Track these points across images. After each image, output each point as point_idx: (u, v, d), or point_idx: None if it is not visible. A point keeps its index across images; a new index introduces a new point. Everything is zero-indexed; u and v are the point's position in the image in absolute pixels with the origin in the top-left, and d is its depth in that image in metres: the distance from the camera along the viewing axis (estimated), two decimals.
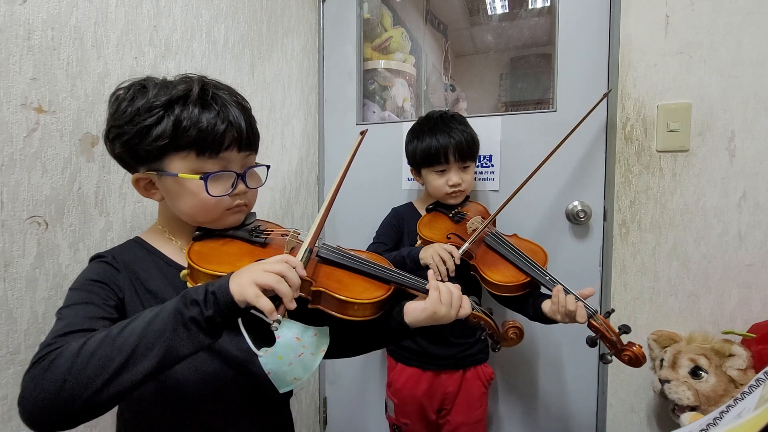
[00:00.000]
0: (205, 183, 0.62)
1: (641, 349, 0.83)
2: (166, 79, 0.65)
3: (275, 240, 0.73)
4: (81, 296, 0.59)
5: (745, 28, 1.10)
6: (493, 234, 1.06)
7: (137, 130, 0.60)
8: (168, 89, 0.62)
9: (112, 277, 0.62)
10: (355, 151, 0.82)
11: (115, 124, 0.62)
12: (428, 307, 0.69)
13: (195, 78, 0.65)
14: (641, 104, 1.19)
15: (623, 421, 1.26)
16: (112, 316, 0.58)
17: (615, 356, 0.86)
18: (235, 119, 0.64)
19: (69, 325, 0.54)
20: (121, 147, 0.63)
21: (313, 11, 1.56)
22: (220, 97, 0.64)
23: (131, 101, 0.62)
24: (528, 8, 1.66)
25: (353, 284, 0.70)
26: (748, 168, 1.11)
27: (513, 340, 0.83)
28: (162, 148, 0.61)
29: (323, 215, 0.71)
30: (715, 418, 0.47)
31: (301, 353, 0.68)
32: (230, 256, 0.66)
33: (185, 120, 0.60)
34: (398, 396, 1.19)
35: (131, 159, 0.64)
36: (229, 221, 0.69)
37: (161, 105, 0.60)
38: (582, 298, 0.89)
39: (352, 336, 0.75)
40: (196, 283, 0.62)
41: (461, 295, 0.72)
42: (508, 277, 0.97)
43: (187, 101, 0.61)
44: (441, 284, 0.71)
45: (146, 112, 0.60)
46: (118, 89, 0.65)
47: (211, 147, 0.62)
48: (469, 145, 1.13)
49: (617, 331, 0.85)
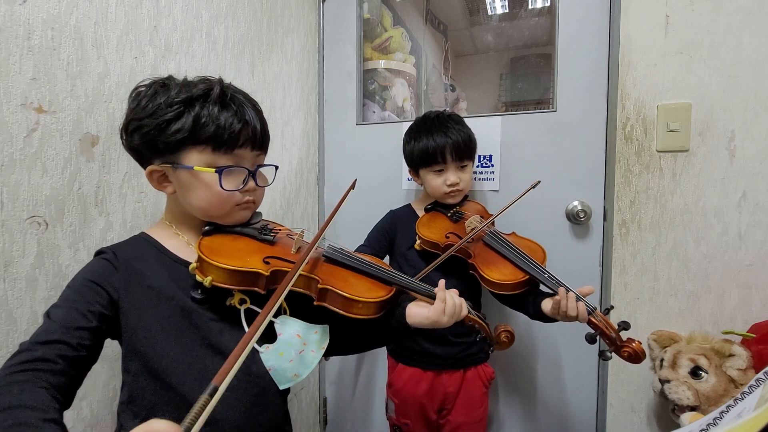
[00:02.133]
0: (219, 176, 0.65)
1: (641, 345, 0.84)
2: (186, 79, 0.69)
3: (282, 239, 0.76)
4: (69, 298, 0.60)
5: (745, 28, 1.10)
6: (492, 233, 1.06)
7: (157, 123, 0.64)
8: (189, 88, 0.66)
9: (108, 276, 0.63)
10: (343, 198, 0.86)
11: (136, 117, 0.65)
12: (431, 316, 0.72)
13: (215, 80, 0.69)
14: (641, 104, 1.19)
15: (623, 421, 1.26)
16: (90, 326, 0.59)
17: (614, 353, 0.86)
18: (251, 119, 0.68)
19: (47, 331, 0.56)
20: (140, 139, 0.65)
21: (313, 11, 1.56)
22: (238, 98, 0.69)
23: (152, 97, 0.65)
24: (528, 8, 1.66)
25: (358, 284, 0.73)
26: (748, 168, 1.11)
27: (505, 343, 0.86)
28: (180, 142, 0.64)
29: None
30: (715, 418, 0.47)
31: (302, 350, 0.68)
32: (240, 252, 0.68)
33: (205, 116, 0.64)
34: (399, 396, 1.19)
35: (148, 151, 0.67)
36: (237, 217, 0.72)
37: (182, 101, 0.64)
38: (581, 296, 0.89)
39: (353, 334, 0.77)
40: (204, 275, 0.63)
41: (462, 303, 0.75)
42: (506, 276, 0.97)
43: (208, 99, 0.65)
44: (448, 297, 0.73)
45: (167, 107, 0.64)
46: (139, 86, 0.68)
47: (227, 143, 0.66)
48: (467, 145, 1.13)
49: (616, 327, 0.86)
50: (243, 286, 0.65)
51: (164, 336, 0.63)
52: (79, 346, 0.57)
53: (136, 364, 0.64)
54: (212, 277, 0.63)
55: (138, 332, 0.63)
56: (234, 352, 0.48)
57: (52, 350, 0.54)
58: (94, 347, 0.60)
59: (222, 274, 0.63)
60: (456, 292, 0.75)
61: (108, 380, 0.83)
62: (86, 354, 0.58)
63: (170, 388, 0.62)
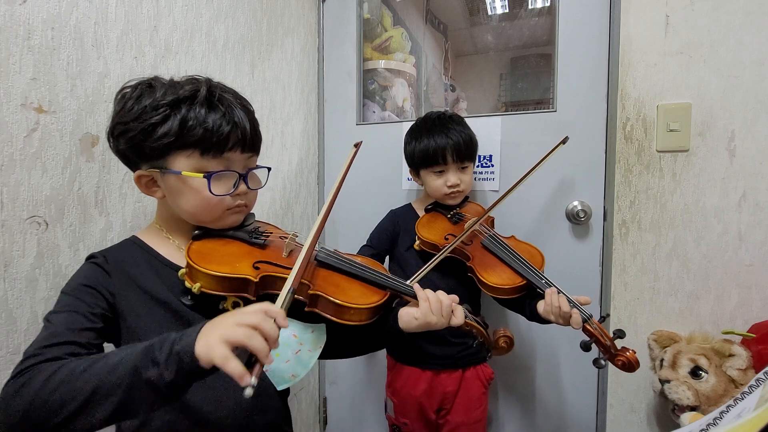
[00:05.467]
0: (208, 181, 0.64)
1: (635, 355, 0.83)
2: (173, 80, 0.66)
3: (274, 242, 0.74)
4: (69, 303, 0.59)
5: (745, 28, 1.10)
6: (491, 236, 1.06)
7: (143, 127, 0.61)
8: (175, 89, 0.63)
9: (102, 280, 0.62)
10: (349, 164, 0.82)
11: (121, 121, 0.63)
12: (420, 317, 0.71)
13: (202, 80, 0.67)
14: (641, 104, 1.19)
15: (623, 421, 1.26)
16: (96, 326, 0.58)
17: (608, 361, 0.86)
18: (240, 121, 0.66)
19: (53, 335, 0.55)
20: (126, 144, 0.63)
21: (313, 11, 1.56)
22: (226, 99, 0.66)
23: (138, 99, 0.63)
24: (528, 8, 1.66)
25: (350, 289, 0.71)
26: (748, 168, 1.11)
27: (503, 348, 0.86)
28: (167, 146, 0.62)
29: (316, 232, 0.71)
30: (715, 418, 0.47)
31: (299, 350, 0.68)
32: (230, 257, 0.66)
33: (192, 119, 0.62)
34: (398, 396, 1.19)
35: (135, 156, 0.65)
36: (228, 221, 0.70)
37: (168, 104, 0.62)
38: (577, 303, 0.88)
39: (347, 338, 0.76)
40: (194, 282, 0.62)
41: (451, 303, 0.74)
42: (504, 280, 0.96)
43: (194, 101, 0.63)
44: (430, 294, 0.73)
45: (153, 110, 0.61)
46: (124, 87, 0.66)
47: (215, 147, 0.63)
48: (467, 146, 1.13)
49: (611, 335, 0.85)
50: (232, 293, 0.64)
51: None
52: (89, 345, 0.56)
53: None
54: (201, 283, 0.62)
55: (136, 334, 0.62)
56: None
57: (61, 350, 0.53)
58: (100, 348, 0.59)
59: (210, 281, 0.62)
60: (443, 293, 0.74)
61: None
62: (96, 352, 0.57)
63: None
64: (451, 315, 0.73)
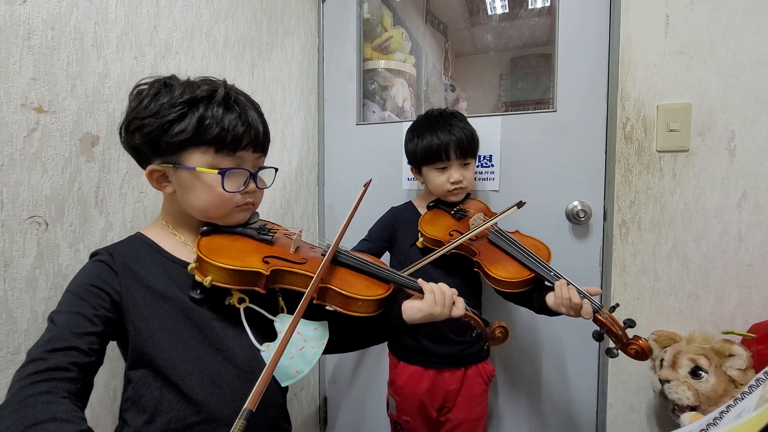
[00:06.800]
0: (222, 177, 0.66)
1: (647, 343, 0.85)
2: (189, 79, 0.69)
3: (281, 239, 0.77)
4: (74, 303, 0.60)
5: (745, 28, 1.10)
6: (496, 231, 1.06)
7: (160, 123, 0.64)
8: (192, 89, 0.66)
9: (108, 279, 0.63)
10: (358, 202, 0.88)
11: (137, 116, 0.65)
12: (424, 308, 0.74)
13: (219, 81, 0.70)
14: (641, 104, 1.19)
15: (623, 420, 1.26)
16: (98, 330, 0.59)
17: (621, 350, 0.87)
18: (254, 122, 0.69)
19: (56, 338, 0.56)
20: (142, 138, 0.65)
21: (313, 11, 1.56)
22: (241, 101, 0.69)
23: (155, 97, 0.65)
24: (528, 8, 1.66)
25: (357, 282, 0.74)
26: (748, 168, 1.11)
27: (499, 338, 0.88)
28: (183, 143, 0.64)
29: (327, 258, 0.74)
30: (715, 418, 0.47)
31: (303, 347, 0.69)
32: (239, 252, 0.68)
33: (209, 118, 0.65)
34: (400, 394, 1.19)
35: (149, 150, 0.67)
36: (236, 218, 0.72)
37: (186, 102, 0.64)
38: (587, 294, 0.90)
39: (352, 331, 0.78)
40: (204, 276, 0.64)
41: (452, 295, 0.78)
42: (512, 274, 0.97)
43: (212, 101, 0.66)
44: (434, 286, 0.76)
45: (170, 108, 0.64)
46: (140, 84, 0.68)
47: (230, 145, 0.66)
48: (470, 142, 1.13)
49: (623, 325, 0.86)
50: (243, 286, 0.66)
51: (166, 336, 0.63)
52: (90, 350, 0.57)
53: (141, 364, 0.64)
54: (212, 277, 0.63)
55: (141, 332, 0.63)
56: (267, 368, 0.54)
57: (65, 358, 0.54)
58: (101, 351, 0.60)
59: (222, 274, 0.64)
60: (445, 285, 0.77)
61: (108, 380, 0.83)
62: (95, 358, 0.58)
63: (174, 386, 0.62)
64: (452, 306, 0.77)
